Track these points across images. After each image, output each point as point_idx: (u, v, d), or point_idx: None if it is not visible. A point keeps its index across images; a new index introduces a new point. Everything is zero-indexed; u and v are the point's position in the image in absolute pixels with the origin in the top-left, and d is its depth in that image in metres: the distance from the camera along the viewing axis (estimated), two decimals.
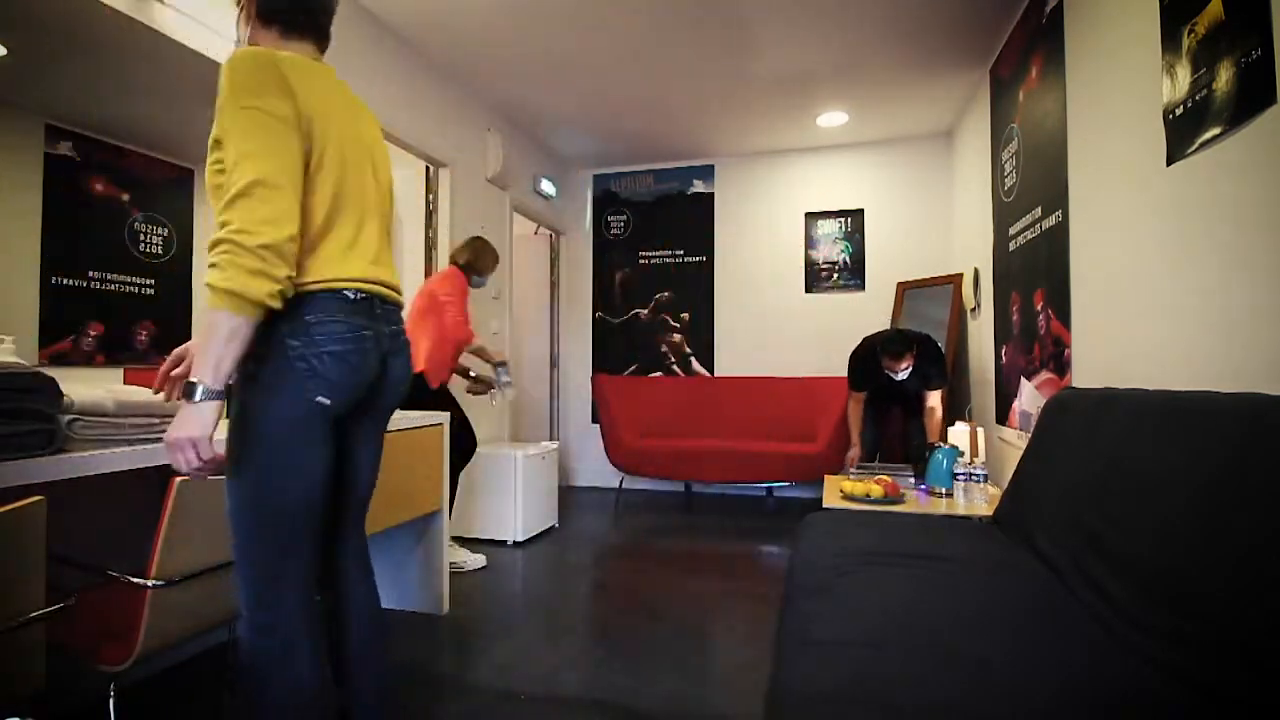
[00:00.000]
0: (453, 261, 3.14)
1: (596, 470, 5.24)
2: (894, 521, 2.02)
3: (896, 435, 3.76)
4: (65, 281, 1.84)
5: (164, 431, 1.58)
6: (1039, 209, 2.73)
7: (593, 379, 4.88)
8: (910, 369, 3.23)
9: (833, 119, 4.33)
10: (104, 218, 1.94)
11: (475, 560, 3.13)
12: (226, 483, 1.16)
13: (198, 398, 1.03)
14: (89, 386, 1.57)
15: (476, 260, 3.12)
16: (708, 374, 5.08)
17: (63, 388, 1.35)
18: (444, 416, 2.52)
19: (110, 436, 1.44)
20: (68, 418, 1.37)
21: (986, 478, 2.67)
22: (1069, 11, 2.40)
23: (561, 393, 5.36)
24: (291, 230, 1.11)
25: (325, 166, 1.21)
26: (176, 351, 1.37)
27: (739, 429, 4.72)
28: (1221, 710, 0.94)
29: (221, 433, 1.13)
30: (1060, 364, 2.51)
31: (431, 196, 3.72)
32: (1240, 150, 1.45)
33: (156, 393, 1.37)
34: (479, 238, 3.19)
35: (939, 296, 4.31)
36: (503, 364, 3.18)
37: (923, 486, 2.76)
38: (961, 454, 2.76)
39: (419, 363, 2.92)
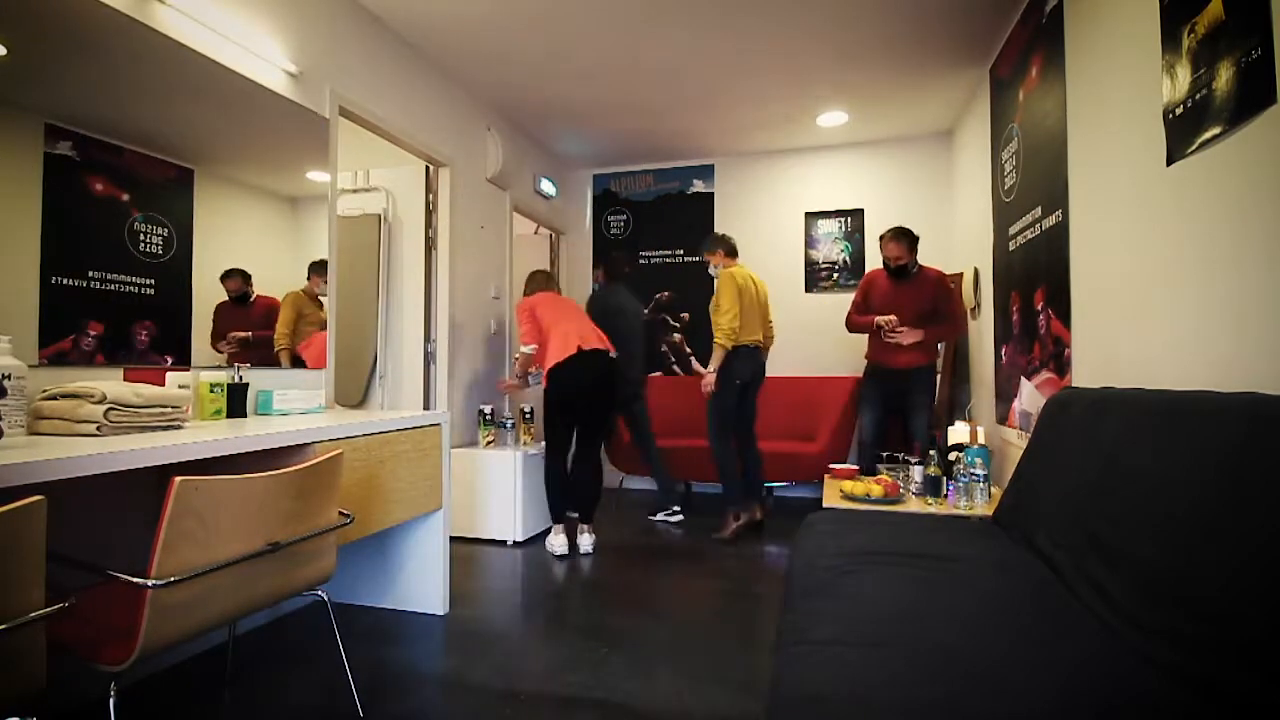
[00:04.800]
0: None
1: None
2: (894, 521, 2.02)
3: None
4: (65, 281, 1.83)
5: (175, 420, 1.76)
6: (1039, 209, 2.73)
7: None
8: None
9: (833, 119, 4.33)
10: (104, 218, 1.94)
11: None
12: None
13: None
14: (97, 382, 1.58)
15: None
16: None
17: (88, 383, 1.61)
18: (442, 416, 2.52)
19: (134, 424, 1.64)
20: (104, 407, 1.56)
21: (987, 478, 2.67)
22: (1069, 11, 2.40)
23: None
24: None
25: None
26: None
27: None
28: (1221, 710, 0.94)
29: None
30: (1060, 364, 2.51)
31: (431, 196, 3.72)
32: (1240, 150, 1.45)
33: None
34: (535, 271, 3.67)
35: None
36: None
37: (952, 486, 2.75)
38: (991, 454, 2.75)
39: None
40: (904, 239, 3.51)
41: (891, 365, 3.56)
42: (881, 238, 3.58)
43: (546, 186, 4.92)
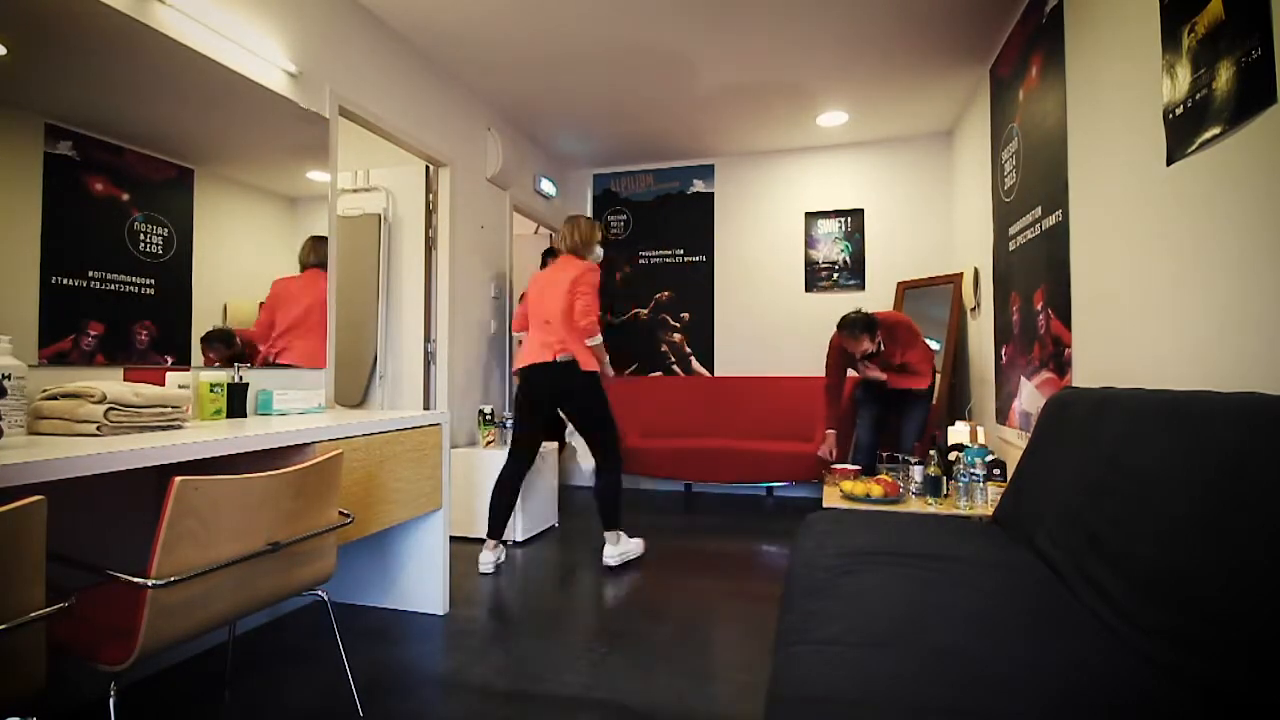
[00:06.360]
0: (572, 252, 3.14)
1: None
2: (894, 521, 2.02)
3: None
4: (65, 281, 1.83)
5: (175, 420, 1.75)
6: (1039, 209, 2.73)
7: None
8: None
9: (833, 119, 4.34)
10: (104, 218, 1.94)
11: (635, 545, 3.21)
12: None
13: None
14: (97, 382, 1.59)
15: (581, 240, 3.14)
16: (708, 374, 5.08)
17: (89, 383, 1.60)
18: (442, 416, 2.52)
19: (134, 424, 1.63)
20: (104, 407, 1.55)
21: (987, 478, 2.67)
22: (1069, 11, 2.40)
23: None
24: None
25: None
26: None
27: (739, 429, 4.71)
28: (1221, 710, 0.94)
29: None
30: (1060, 364, 2.51)
31: (431, 196, 3.72)
32: (1240, 150, 1.45)
33: None
34: (572, 217, 3.21)
35: (939, 296, 4.32)
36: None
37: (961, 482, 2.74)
38: (990, 452, 2.76)
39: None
40: (863, 332, 3.31)
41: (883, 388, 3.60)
42: (841, 334, 3.39)
43: (546, 186, 4.92)
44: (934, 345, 4.16)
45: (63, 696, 1.80)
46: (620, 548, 3.13)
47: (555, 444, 4.00)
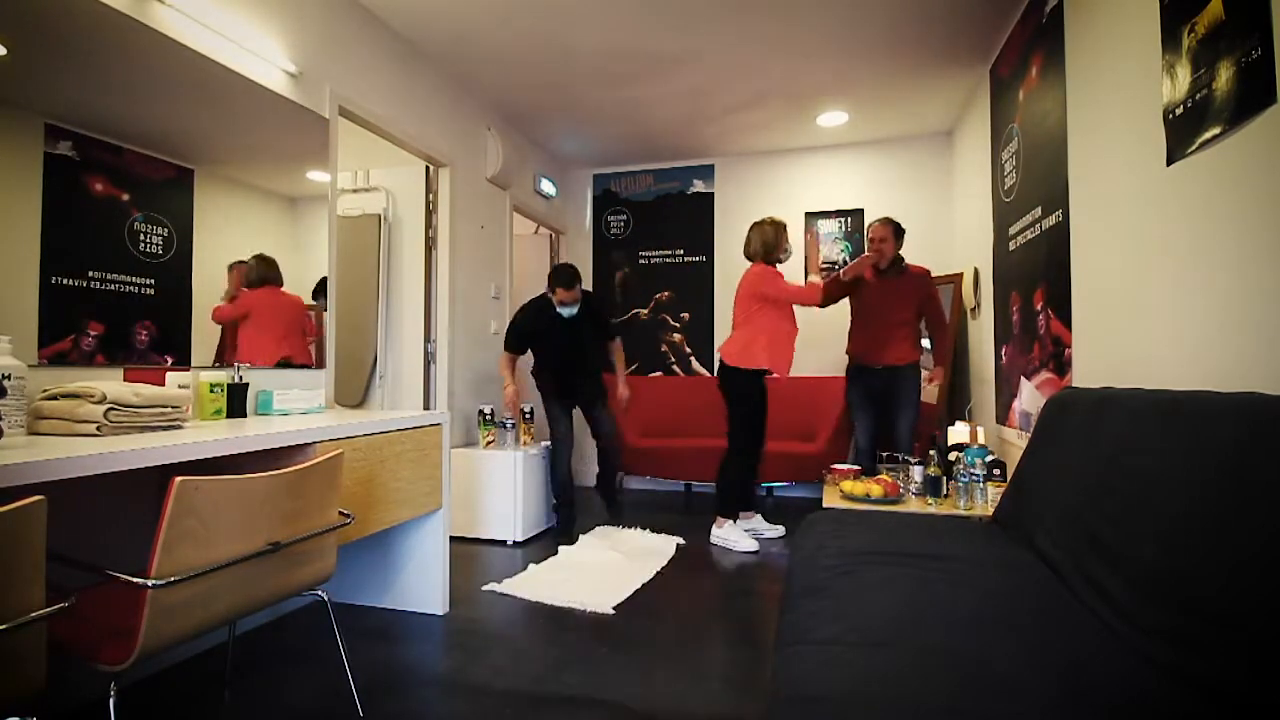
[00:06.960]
0: (753, 259, 3.49)
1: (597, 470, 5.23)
2: (894, 521, 2.02)
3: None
4: (65, 281, 1.83)
5: (175, 420, 1.77)
6: (1039, 209, 2.73)
7: None
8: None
9: (833, 119, 4.33)
10: (104, 218, 1.94)
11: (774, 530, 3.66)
12: None
13: None
14: (97, 382, 1.59)
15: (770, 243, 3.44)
16: (708, 374, 5.07)
17: (89, 383, 1.61)
18: (442, 416, 2.52)
19: (134, 424, 1.64)
20: (104, 407, 1.56)
21: (987, 478, 2.66)
22: (1069, 11, 2.40)
23: None
24: None
25: None
26: None
27: None
28: (1221, 710, 0.94)
29: None
30: (1060, 364, 2.51)
31: (431, 196, 3.72)
32: (1240, 150, 1.45)
33: None
34: (761, 220, 3.49)
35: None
36: None
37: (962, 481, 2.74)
38: (990, 452, 2.75)
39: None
40: (890, 226, 3.54)
41: (876, 364, 3.55)
42: (870, 225, 3.62)
43: (546, 186, 4.92)
44: (924, 345, 4.15)
45: (63, 696, 1.80)
46: (722, 532, 3.46)
47: (546, 444, 3.99)
